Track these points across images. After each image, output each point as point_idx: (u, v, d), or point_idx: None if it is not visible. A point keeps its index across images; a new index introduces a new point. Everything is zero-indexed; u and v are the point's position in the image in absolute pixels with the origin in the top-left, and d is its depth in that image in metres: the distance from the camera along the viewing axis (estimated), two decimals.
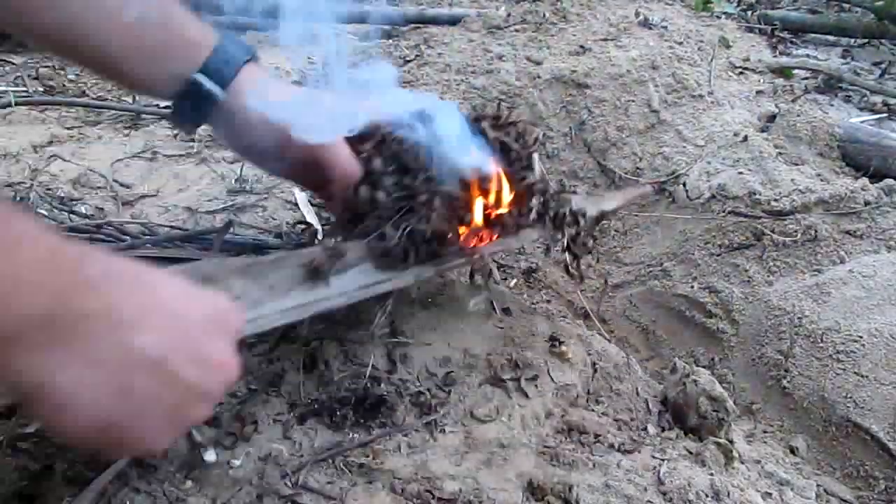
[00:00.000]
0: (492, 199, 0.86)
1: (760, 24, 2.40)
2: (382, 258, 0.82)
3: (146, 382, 0.53)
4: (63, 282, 0.49)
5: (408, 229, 0.81)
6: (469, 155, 0.85)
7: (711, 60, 1.94)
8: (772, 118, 1.70)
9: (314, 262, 0.78)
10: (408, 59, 1.96)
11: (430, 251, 0.83)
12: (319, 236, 1.10)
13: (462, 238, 0.86)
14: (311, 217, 1.29)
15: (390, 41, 2.12)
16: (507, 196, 0.88)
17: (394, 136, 0.86)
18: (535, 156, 0.91)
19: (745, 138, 1.59)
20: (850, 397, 1.15)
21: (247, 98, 0.83)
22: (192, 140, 1.56)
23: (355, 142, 0.88)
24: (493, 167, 0.86)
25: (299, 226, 1.26)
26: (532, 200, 0.89)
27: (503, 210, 0.88)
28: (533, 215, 0.90)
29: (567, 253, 0.95)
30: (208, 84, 0.81)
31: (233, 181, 1.40)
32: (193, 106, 0.83)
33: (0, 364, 0.47)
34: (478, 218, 0.86)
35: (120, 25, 0.77)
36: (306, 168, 0.88)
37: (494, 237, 0.88)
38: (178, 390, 0.55)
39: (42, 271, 0.47)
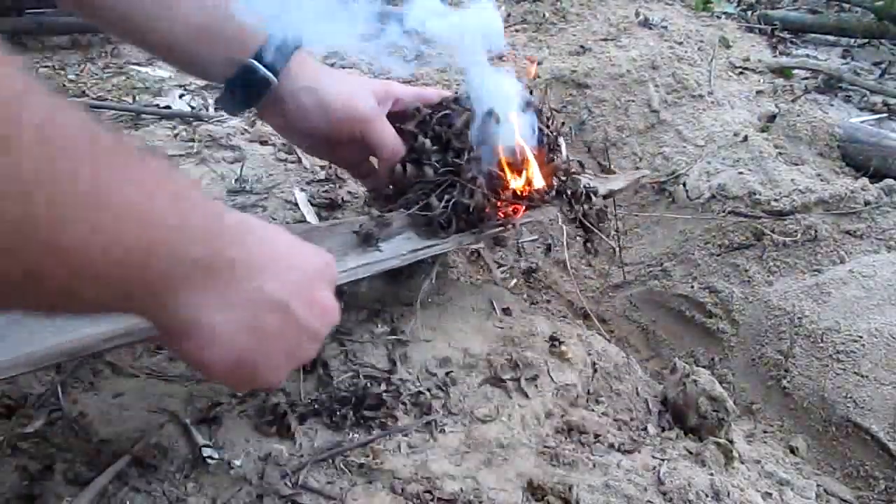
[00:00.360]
0: (525, 177, 0.97)
1: (760, 24, 2.40)
2: (426, 227, 0.91)
3: (272, 322, 0.59)
4: (216, 230, 0.55)
5: (452, 202, 0.91)
6: (508, 136, 0.94)
7: (711, 60, 1.94)
8: (772, 118, 1.70)
9: (364, 228, 0.87)
10: (408, 59, 1.96)
11: (470, 221, 0.93)
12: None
13: (499, 211, 0.96)
14: (310, 217, 1.28)
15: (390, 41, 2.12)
16: (538, 175, 0.98)
17: (438, 117, 0.95)
18: (561, 139, 1.02)
19: (745, 138, 1.59)
20: (850, 397, 1.15)
21: (299, 83, 0.89)
22: (192, 140, 1.55)
23: (398, 121, 0.96)
24: (528, 149, 0.96)
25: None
26: (555, 179, 1.00)
27: (534, 187, 0.98)
28: (553, 192, 1.00)
29: (581, 227, 1.05)
30: (262, 70, 0.87)
31: (233, 181, 1.40)
32: (246, 90, 0.88)
33: (165, 303, 0.52)
34: (513, 194, 0.96)
35: (182, 13, 0.83)
36: (351, 148, 0.96)
37: (523, 210, 0.98)
38: (296, 330, 0.62)
39: (203, 220, 0.53)
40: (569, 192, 1.01)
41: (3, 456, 0.73)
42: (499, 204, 0.95)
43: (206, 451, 0.74)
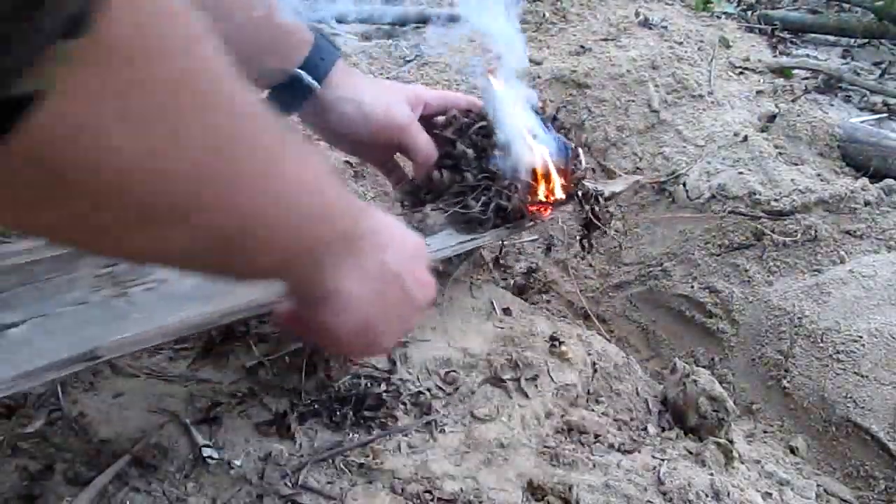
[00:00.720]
0: (551, 182, 1.10)
1: (760, 24, 2.40)
2: (465, 224, 1.00)
3: (392, 293, 0.66)
4: (354, 207, 0.61)
5: (492, 204, 1.01)
6: (541, 148, 1.06)
7: (711, 60, 1.94)
8: (772, 118, 1.70)
9: (411, 225, 0.92)
10: (408, 59, 1.96)
11: (505, 218, 1.04)
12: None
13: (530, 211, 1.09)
14: None
15: (390, 41, 2.12)
16: (562, 181, 1.11)
17: (476, 126, 1.04)
18: (580, 150, 1.13)
19: (745, 138, 1.59)
20: (850, 397, 1.14)
21: (340, 92, 0.93)
22: None
23: (427, 124, 1.04)
24: (555, 160, 1.08)
25: None
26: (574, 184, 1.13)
27: (559, 190, 1.10)
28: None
29: (587, 226, 1.18)
30: (308, 79, 0.91)
31: None
32: (290, 97, 0.92)
33: (315, 270, 0.57)
34: (543, 197, 1.09)
35: (234, 24, 0.85)
36: (386, 152, 1.04)
37: (549, 209, 1.11)
38: (407, 300, 0.68)
39: (345, 197, 0.59)
40: (580, 193, 1.13)
41: (3, 456, 0.73)
42: (529, 205, 1.08)
43: (206, 451, 0.74)
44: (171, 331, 0.68)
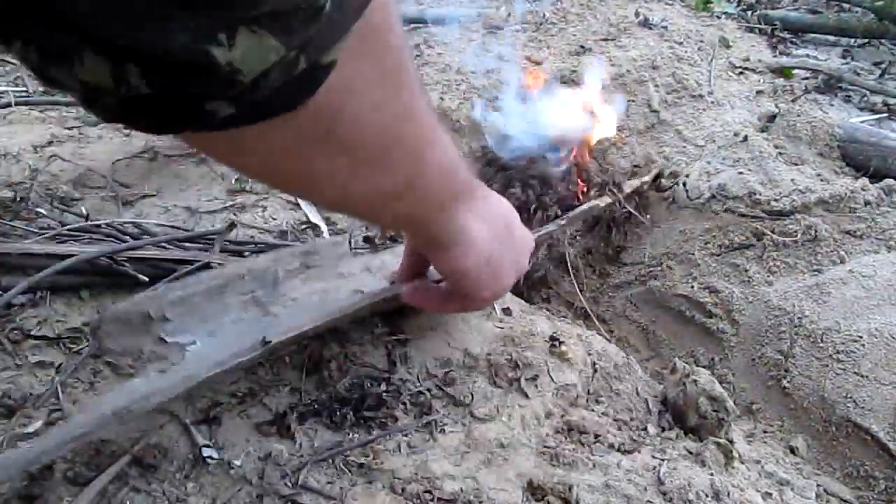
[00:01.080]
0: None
1: (760, 24, 2.40)
2: None
3: (504, 232, 0.75)
4: (465, 166, 0.67)
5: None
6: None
7: (711, 60, 1.94)
8: (772, 118, 1.70)
9: None
10: None
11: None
12: (326, 233, 1.29)
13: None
14: (314, 216, 1.29)
15: None
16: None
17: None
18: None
19: (745, 138, 1.59)
20: (850, 397, 1.14)
21: None
22: None
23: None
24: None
25: (303, 225, 1.26)
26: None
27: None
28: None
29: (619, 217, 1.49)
30: None
31: (233, 181, 1.40)
32: None
33: (449, 219, 0.67)
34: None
35: None
36: None
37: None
38: (517, 245, 0.78)
39: (461, 159, 0.65)
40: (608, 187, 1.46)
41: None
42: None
43: (206, 451, 0.74)
44: (320, 317, 0.83)
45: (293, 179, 0.52)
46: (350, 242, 0.99)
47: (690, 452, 0.89)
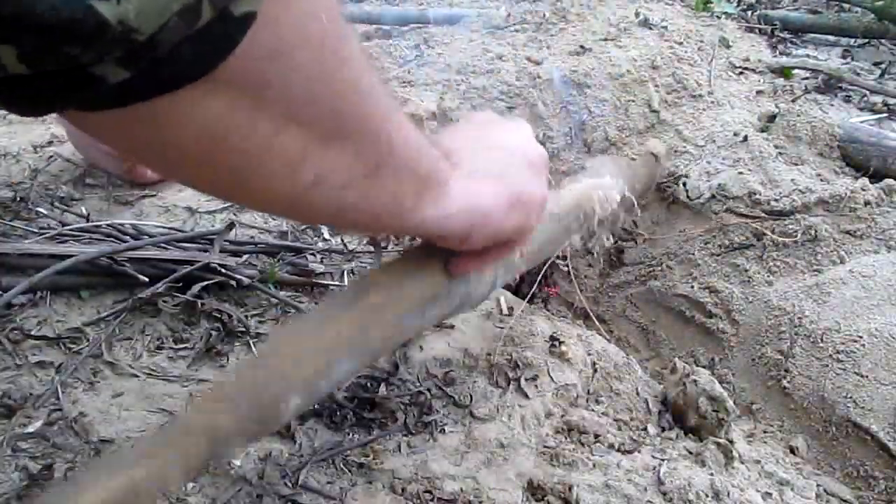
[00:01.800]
0: None
1: (760, 24, 2.40)
2: None
3: (503, 159, 0.65)
4: (430, 140, 0.61)
5: None
6: None
7: (711, 60, 1.94)
8: (772, 118, 1.70)
9: None
10: (408, 59, 1.95)
11: None
12: (326, 233, 1.25)
13: None
14: None
15: (390, 41, 2.12)
16: None
17: None
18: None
19: (745, 138, 1.59)
20: (850, 397, 1.14)
21: None
22: None
23: None
24: None
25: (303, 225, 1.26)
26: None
27: None
28: None
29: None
30: None
31: None
32: None
33: (440, 191, 0.58)
34: None
35: None
36: None
37: None
38: (535, 178, 0.67)
39: (425, 140, 0.59)
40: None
41: (3, 456, 0.73)
42: None
43: None
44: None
45: (226, 174, 0.43)
46: None
47: (690, 452, 0.89)
